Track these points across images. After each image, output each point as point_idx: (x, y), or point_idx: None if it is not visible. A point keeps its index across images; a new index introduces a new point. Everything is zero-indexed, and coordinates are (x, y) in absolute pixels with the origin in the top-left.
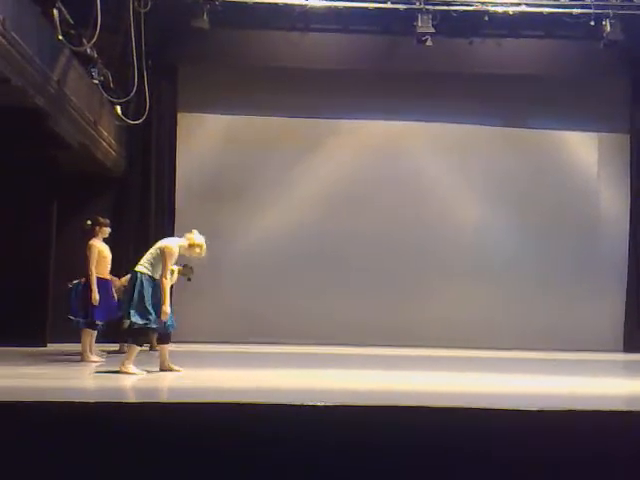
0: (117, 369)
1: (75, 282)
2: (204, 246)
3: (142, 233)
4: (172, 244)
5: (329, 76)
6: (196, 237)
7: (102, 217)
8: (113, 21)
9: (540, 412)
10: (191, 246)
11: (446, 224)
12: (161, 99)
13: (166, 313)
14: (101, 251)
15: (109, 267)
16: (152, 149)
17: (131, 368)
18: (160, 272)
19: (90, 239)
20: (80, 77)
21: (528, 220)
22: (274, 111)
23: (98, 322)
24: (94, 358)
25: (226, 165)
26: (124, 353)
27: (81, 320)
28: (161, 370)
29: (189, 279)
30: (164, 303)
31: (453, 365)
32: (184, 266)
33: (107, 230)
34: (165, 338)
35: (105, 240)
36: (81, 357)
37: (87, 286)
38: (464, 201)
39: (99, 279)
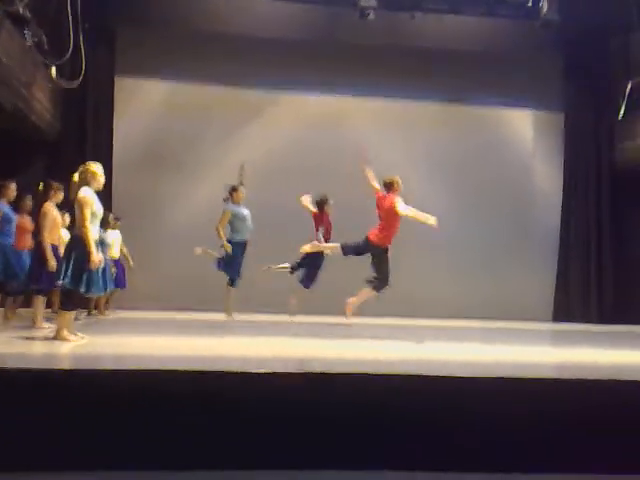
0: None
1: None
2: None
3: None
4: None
5: (271, 45)
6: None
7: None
8: None
9: (471, 378)
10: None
11: None
12: (98, 62)
13: (94, 262)
14: (55, 217)
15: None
16: (88, 113)
17: (67, 334)
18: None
19: (43, 203)
20: (12, 38)
21: (466, 195)
22: (214, 78)
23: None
24: (45, 325)
25: (165, 132)
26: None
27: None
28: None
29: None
30: (90, 252)
31: (394, 333)
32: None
33: (61, 195)
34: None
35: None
36: (33, 323)
37: (40, 253)
38: (403, 176)
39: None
